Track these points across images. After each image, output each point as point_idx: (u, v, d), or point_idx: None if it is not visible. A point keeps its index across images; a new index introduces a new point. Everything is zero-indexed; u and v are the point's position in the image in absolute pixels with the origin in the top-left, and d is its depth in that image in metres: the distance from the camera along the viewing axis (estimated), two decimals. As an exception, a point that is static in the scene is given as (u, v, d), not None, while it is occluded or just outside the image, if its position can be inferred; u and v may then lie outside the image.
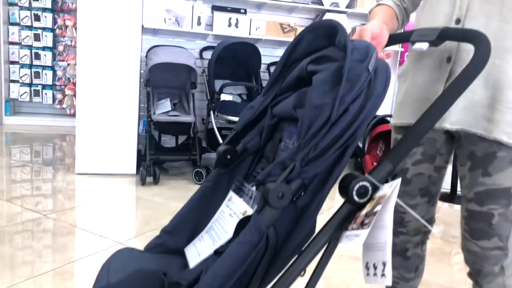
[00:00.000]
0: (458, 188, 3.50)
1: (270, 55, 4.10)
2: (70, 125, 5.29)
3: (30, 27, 5.20)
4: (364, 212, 0.77)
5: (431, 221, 1.25)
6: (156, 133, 3.68)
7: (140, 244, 2.16)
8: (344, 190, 0.81)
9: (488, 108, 1.02)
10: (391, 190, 0.75)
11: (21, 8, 5.13)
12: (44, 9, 5.18)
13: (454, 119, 1.06)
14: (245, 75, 3.86)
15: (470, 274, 1.15)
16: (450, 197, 3.42)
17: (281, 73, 1.06)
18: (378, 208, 0.73)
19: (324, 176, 0.82)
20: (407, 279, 1.30)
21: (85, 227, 2.35)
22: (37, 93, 5.36)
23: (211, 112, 3.52)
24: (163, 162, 3.60)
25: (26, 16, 5.16)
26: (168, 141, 3.87)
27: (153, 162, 3.27)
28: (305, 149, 0.79)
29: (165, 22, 3.63)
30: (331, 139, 0.80)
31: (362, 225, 0.73)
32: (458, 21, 1.05)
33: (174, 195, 3.00)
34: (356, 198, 0.79)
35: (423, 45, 1.03)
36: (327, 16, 3.96)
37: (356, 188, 0.79)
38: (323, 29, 0.95)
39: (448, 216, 3.07)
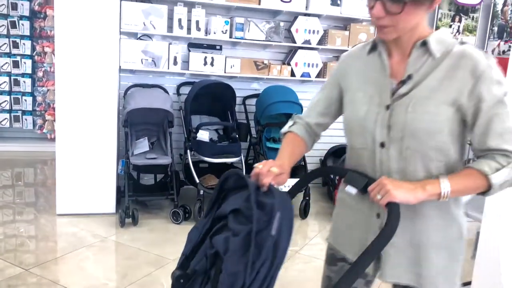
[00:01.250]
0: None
1: (246, 89, 4.25)
2: (51, 150, 5.34)
3: (8, 54, 5.24)
4: None
5: None
6: (135, 172, 3.81)
7: (118, 302, 2.32)
8: None
9: (416, 265, 1.20)
10: None
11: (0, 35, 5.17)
12: (23, 36, 5.23)
13: (389, 273, 1.22)
14: (221, 111, 4.01)
15: None
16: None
17: (216, 200, 1.22)
18: None
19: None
20: None
21: (67, 282, 2.49)
22: (17, 119, 5.42)
23: (188, 151, 3.67)
24: (143, 201, 3.75)
25: (5, 43, 5.20)
26: (148, 176, 4.00)
27: (132, 202, 3.41)
28: None
29: (142, 63, 3.74)
30: None
31: None
32: None
33: (153, 240, 3.15)
34: None
35: (353, 190, 1.20)
36: (300, 52, 4.12)
37: None
38: (244, 181, 1.14)
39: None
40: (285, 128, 1.37)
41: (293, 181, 1.35)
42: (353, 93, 1.23)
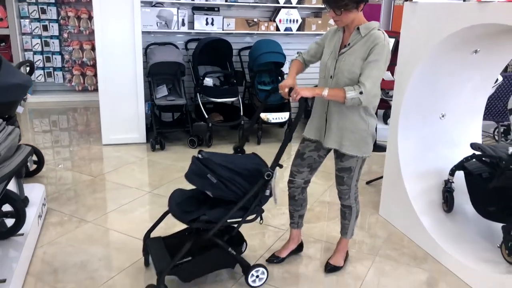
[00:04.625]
0: (378, 139, 4.84)
1: (240, 42, 5.26)
2: (80, 100, 6.46)
3: (38, 19, 6.18)
4: (270, 183, 2.11)
5: (308, 181, 2.54)
6: (158, 111, 4.90)
7: (160, 191, 3.51)
8: (261, 174, 2.12)
9: (340, 138, 2.28)
10: (276, 174, 2.09)
11: (29, 3, 6.09)
12: (49, 3, 6.14)
13: (326, 141, 2.32)
14: (221, 61, 5.06)
15: (339, 197, 2.53)
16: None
17: None
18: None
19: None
20: (297, 210, 2.62)
21: (124, 183, 3.68)
22: (49, 75, 6.45)
23: (197, 94, 4.77)
24: (165, 133, 4.89)
25: (34, 10, 6.12)
26: (167, 115, 5.10)
27: (158, 133, 4.55)
28: None
29: (157, 26, 4.74)
30: None
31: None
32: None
33: (177, 158, 4.33)
34: (266, 177, 2.11)
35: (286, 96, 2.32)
36: (282, 10, 5.09)
37: (266, 173, 2.11)
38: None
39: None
40: (293, 58, 2.46)
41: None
42: (325, 49, 2.33)
